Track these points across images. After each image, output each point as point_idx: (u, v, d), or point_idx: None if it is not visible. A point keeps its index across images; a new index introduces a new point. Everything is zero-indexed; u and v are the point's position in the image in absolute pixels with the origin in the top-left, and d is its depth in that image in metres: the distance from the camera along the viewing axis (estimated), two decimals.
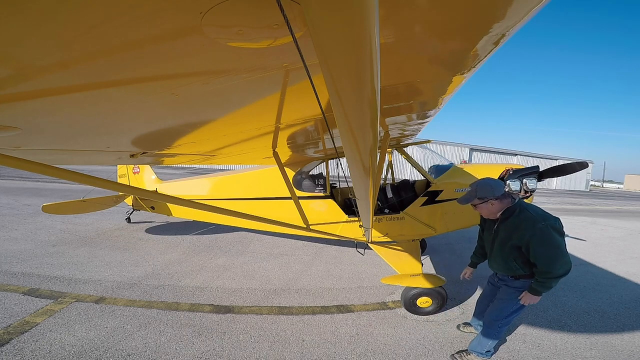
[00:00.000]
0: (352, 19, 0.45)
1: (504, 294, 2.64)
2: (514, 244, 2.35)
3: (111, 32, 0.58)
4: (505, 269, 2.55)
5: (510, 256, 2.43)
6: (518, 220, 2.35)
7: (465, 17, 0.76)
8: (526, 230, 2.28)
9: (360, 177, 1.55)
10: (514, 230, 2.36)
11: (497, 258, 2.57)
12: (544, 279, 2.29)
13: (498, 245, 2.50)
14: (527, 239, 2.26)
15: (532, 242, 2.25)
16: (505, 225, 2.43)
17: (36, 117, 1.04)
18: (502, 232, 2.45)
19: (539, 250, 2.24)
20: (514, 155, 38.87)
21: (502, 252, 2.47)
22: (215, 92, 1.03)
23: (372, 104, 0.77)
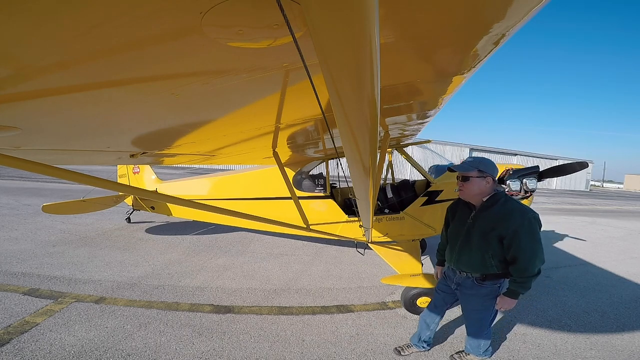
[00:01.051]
0: (352, 19, 0.45)
1: (474, 304, 2.36)
2: (499, 234, 2.08)
3: (111, 32, 0.58)
4: (477, 267, 2.22)
5: (489, 250, 2.14)
6: (505, 209, 2.11)
7: (465, 17, 0.76)
8: (514, 220, 2.04)
9: (360, 177, 1.55)
10: (499, 220, 2.09)
11: (470, 252, 2.23)
12: (523, 278, 2.07)
13: (477, 236, 2.18)
14: (514, 229, 2.02)
15: (519, 234, 2.01)
16: (488, 213, 2.15)
17: (36, 117, 1.04)
18: (483, 221, 2.16)
19: (525, 242, 2.01)
20: (514, 155, 38.89)
21: (481, 244, 2.16)
22: (215, 92, 1.03)
23: (372, 104, 0.77)
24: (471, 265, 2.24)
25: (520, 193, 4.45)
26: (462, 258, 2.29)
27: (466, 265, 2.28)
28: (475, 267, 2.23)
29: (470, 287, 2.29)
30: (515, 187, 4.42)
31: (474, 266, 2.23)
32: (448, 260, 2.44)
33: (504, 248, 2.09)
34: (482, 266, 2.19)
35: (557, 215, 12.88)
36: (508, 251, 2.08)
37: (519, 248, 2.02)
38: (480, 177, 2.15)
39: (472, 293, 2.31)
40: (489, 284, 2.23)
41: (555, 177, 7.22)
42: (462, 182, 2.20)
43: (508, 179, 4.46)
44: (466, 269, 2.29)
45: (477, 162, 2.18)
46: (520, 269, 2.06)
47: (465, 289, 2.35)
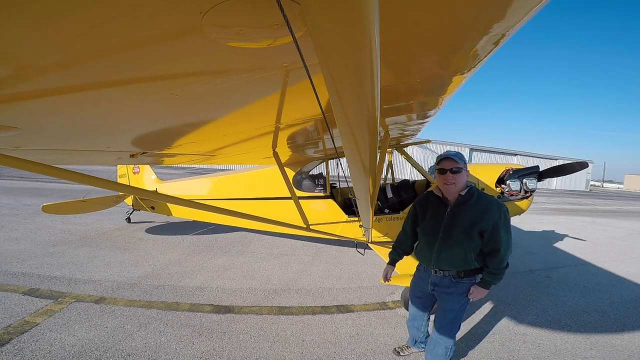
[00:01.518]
0: (352, 19, 0.45)
1: (451, 303, 2.25)
2: (480, 228, 2.04)
3: (111, 32, 0.58)
4: (459, 263, 2.15)
5: (471, 245, 2.08)
6: (483, 203, 2.08)
7: (465, 17, 0.76)
8: (493, 214, 2.02)
9: (360, 177, 1.55)
10: (479, 214, 2.05)
11: (451, 249, 2.13)
12: (499, 269, 2.08)
13: (458, 232, 2.09)
14: (494, 223, 2.02)
15: (498, 227, 2.02)
16: (466, 208, 2.08)
17: (36, 117, 1.04)
18: (463, 216, 2.08)
19: (503, 235, 2.03)
20: (514, 155, 38.90)
21: (462, 240, 2.08)
22: (215, 92, 1.03)
23: (372, 104, 0.77)
24: (453, 262, 2.16)
25: (521, 193, 4.46)
26: (442, 256, 2.17)
27: (447, 262, 2.17)
28: (457, 264, 2.15)
29: (448, 285, 2.22)
30: (515, 187, 4.43)
31: (456, 263, 2.15)
32: (425, 260, 2.30)
33: (482, 242, 2.08)
34: (464, 262, 2.13)
35: (557, 215, 12.88)
36: (487, 244, 2.06)
37: (499, 240, 2.03)
38: (465, 169, 2.10)
39: (450, 292, 2.22)
40: (467, 280, 2.18)
41: (555, 177, 7.24)
42: (453, 174, 2.06)
43: (508, 179, 4.46)
44: (447, 267, 2.18)
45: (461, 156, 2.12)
46: (498, 261, 2.07)
47: (442, 288, 2.25)
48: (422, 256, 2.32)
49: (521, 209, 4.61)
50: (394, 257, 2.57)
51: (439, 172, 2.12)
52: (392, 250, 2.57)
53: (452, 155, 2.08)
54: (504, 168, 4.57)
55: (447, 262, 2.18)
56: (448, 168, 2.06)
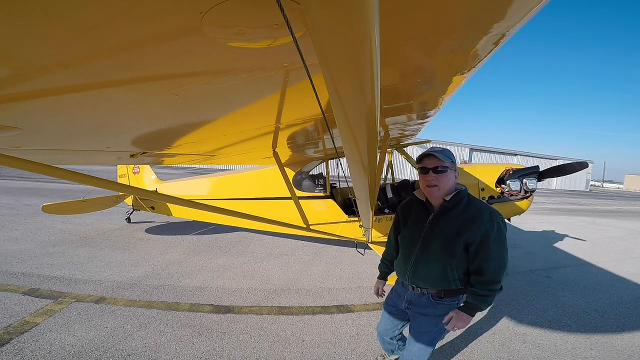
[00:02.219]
0: (352, 19, 0.45)
1: (426, 326, 1.92)
2: (465, 240, 1.69)
3: (111, 32, 0.58)
4: (437, 281, 1.79)
5: (452, 262, 1.74)
6: (472, 210, 1.72)
7: (465, 17, 0.76)
8: (483, 223, 1.67)
9: (360, 177, 1.55)
10: (465, 223, 1.70)
11: (429, 264, 1.79)
12: (488, 291, 1.69)
13: (437, 245, 1.76)
14: (483, 234, 1.66)
15: (488, 239, 1.66)
16: (451, 215, 1.74)
17: (36, 117, 1.04)
18: (446, 225, 1.74)
19: (494, 249, 1.66)
20: (514, 155, 38.91)
21: (442, 255, 1.75)
22: (215, 92, 1.03)
23: (372, 103, 0.77)
24: (429, 280, 1.81)
25: (521, 193, 4.46)
26: (418, 271, 1.83)
27: (423, 280, 1.83)
28: (434, 282, 1.80)
29: (425, 305, 1.88)
30: (515, 187, 4.43)
31: (433, 281, 1.80)
32: (400, 274, 1.97)
33: (468, 257, 1.73)
34: (442, 281, 1.78)
35: (557, 215, 12.88)
36: (473, 260, 1.71)
37: (487, 256, 1.67)
38: (452, 169, 1.75)
39: (425, 313, 1.89)
40: (447, 301, 1.83)
41: (555, 177, 7.24)
42: (437, 174, 1.71)
43: (508, 179, 4.47)
44: (423, 284, 1.84)
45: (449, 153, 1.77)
46: (486, 281, 1.69)
47: (418, 307, 1.91)
48: (398, 269, 1.99)
49: (521, 209, 4.61)
50: (383, 270, 2.28)
51: (421, 172, 1.78)
52: (381, 262, 2.29)
53: (435, 152, 1.73)
54: (504, 168, 4.57)
55: (423, 279, 1.83)
56: (430, 167, 1.72)
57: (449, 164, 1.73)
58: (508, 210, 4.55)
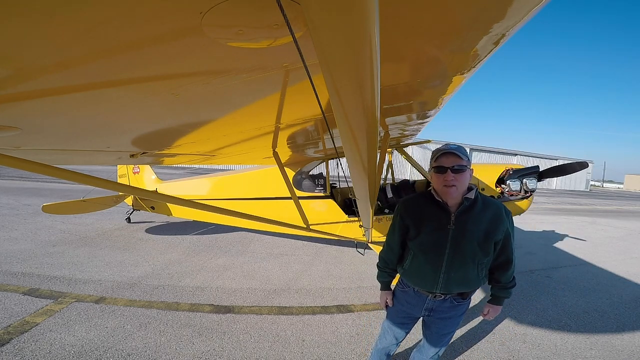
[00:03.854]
0: (352, 19, 0.45)
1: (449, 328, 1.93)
2: (496, 238, 1.68)
3: (111, 32, 0.58)
4: (473, 283, 1.75)
5: (484, 260, 1.70)
6: (492, 209, 1.70)
7: (465, 17, 0.76)
8: (505, 221, 1.69)
9: (360, 177, 1.55)
10: (492, 220, 1.67)
11: (465, 267, 1.69)
12: (512, 282, 1.82)
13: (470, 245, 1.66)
14: (506, 231, 1.69)
15: (510, 236, 1.72)
16: (475, 214, 1.67)
17: (36, 117, 1.04)
18: (473, 225, 1.65)
19: (512, 243, 1.74)
20: (514, 155, 38.92)
21: (476, 254, 1.67)
22: (215, 92, 1.03)
23: (372, 103, 0.77)
24: (466, 283, 1.73)
25: (521, 193, 4.46)
26: (453, 276, 1.70)
27: (459, 284, 1.73)
28: (470, 285, 1.75)
29: (448, 309, 1.83)
30: (515, 187, 4.43)
31: (469, 283, 1.74)
32: (426, 283, 1.78)
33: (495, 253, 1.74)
34: (476, 281, 1.73)
35: (557, 215, 12.88)
36: (499, 256, 1.74)
37: (510, 250, 1.73)
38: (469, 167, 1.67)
39: (450, 316, 1.85)
40: (467, 301, 1.86)
41: (555, 177, 7.24)
42: (455, 174, 1.60)
43: (508, 179, 4.47)
44: (458, 288, 1.75)
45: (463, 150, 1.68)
46: (510, 273, 1.78)
47: (440, 313, 1.85)
48: (421, 278, 1.80)
49: (521, 209, 4.61)
50: (385, 279, 2.03)
51: (436, 171, 1.65)
52: (380, 272, 2.02)
53: (453, 149, 1.62)
54: (504, 168, 4.57)
55: (458, 283, 1.72)
56: (449, 166, 1.60)
57: (466, 162, 1.64)
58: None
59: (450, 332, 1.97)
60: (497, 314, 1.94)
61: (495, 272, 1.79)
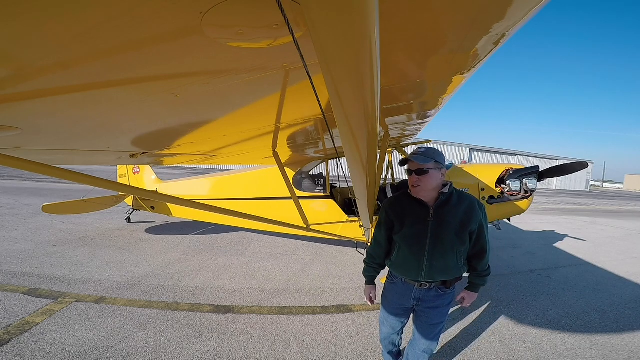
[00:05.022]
0: (352, 19, 0.45)
1: (437, 317, 2.02)
2: (471, 229, 1.84)
3: (111, 32, 0.58)
4: (453, 270, 1.90)
5: (461, 249, 1.86)
6: (466, 202, 1.87)
7: (465, 17, 0.76)
8: (477, 212, 1.85)
9: (360, 177, 1.55)
10: (467, 212, 1.83)
11: (445, 256, 1.86)
12: (487, 270, 1.97)
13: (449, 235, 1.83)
14: (480, 221, 1.86)
15: (484, 226, 1.88)
16: (451, 207, 1.84)
17: (36, 117, 1.04)
18: (450, 216, 1.83)
19: (486, 233, 1.90)
20: (514, 155, 38.93)
21: (454, 244, 1.83)
22: (215, 92, 1.03)
23: (372, 104, 0.77)
24: (447, 270, 1.89)
25: (521, 193, 4.46)
26: (434, 264, 1.87)
27: (440, 272, 1.89)
28: (450, 272, 1.90)
29: (434, 299, 1.96)
30: (515, 187, 4.43)
31: (450, 271, 1.90)
32: (411, 273, 1.95)
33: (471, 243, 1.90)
34: (456, 269, 1.90)
35: (557, 215, 12.88)
36: (474, 246, 1.90)
37: (485, 240, 1.90)
38: (437, 168, 1.82)
39: (436, 305, 1.98)
40: (451, 290, 1.98)
41: (555, 177, 7.24)
42: (418, 175, 1.81)
43: (508, 179, 4.46)
44: (440, 276, 1.91)
45: (432, 152, 1.85)
46: (485, 262, 1.94)
47: (427, 302, 1.98)
48: (406, 268, 1.96)
49: (521, 209, 4.61)
50: (372, 274, 2.19)
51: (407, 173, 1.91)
52: (367, 267, 2.17)
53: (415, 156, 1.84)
54: (504, 168, 4.57)
55: (440, 271, 1.89)
56: (413, 169, 1.83)
57: (432, 164, 1.79)
58: (508, 210, 4.54)
59: (438, 322, 2.05)
60: (473, 300, 2.06)
61: (472, 261, 1.96)
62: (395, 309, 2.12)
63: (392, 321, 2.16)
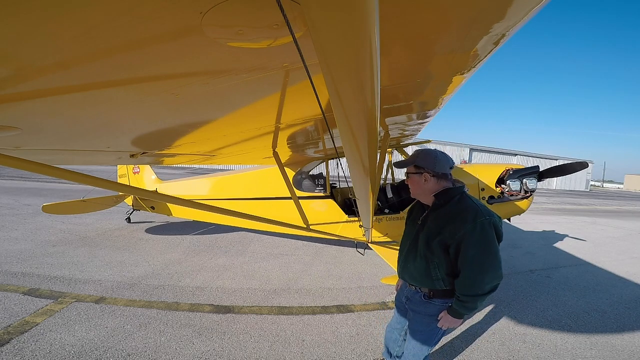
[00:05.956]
0: (352, 19, 0.45)
1: (419, 324, 1.92)
2: (443, 240, 1.68)
3: (111, 32, 0.58)
4: (421, 278, 1.82)
5: (434, 260, 1.74)
6: (456, 209, 1.70)
7: (465, 17, 0.76)
8: (463, 223, 1.63)
9: (360, 177, 1.55)
10: (447, 222, 1.69)
11: (415, 261, 1.83)
12: (467, 297, 1.65)
13: (422, 241, 1.78)
14: (462, 235, 1.62)
15: (466, 240, 1.62)
16: (438, 214, 1.76)
17: (36, 117, 1.04)
18: (432, 223, 1.77)
19: (472, 252, 1.61)
20: (514, 155, 38.92)
21: (426, 251, 1.76)
22: (215, 92, 1.03)
23: (372, 103, 0.77)
24: (415, 276, 1.86)
25: (521, 193, 4.46)
26: (407, 267, 1.90)
27: (410, 275, 1.89)
28: (419, 279, 1.83)
29: (418, 303, 1.89)
30: (515, 187, 4.43)
31: (418, 278, 1.84)
32: (398, 269, 2.04)
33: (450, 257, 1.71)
34: (426, 278, 1.80)
35: (557, 215, 12.88)
36: (455, 263, 1.70)
37: (465, 259, 1.63)
38: (417, 173, 1.79)
39: (419, 310, 1.90)
40: (437, 302, 1.81)
41: (555, 177, 7.23)
42: (408, 178, 1.86)
43: (508, 179, 4.47)
44: (410, 280, 1.90)
45: (414, 156, 1.82)
46: (464, 285, 1.65)
47: (413, 304, 1.94)
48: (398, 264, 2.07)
49: (521, 209, 4.61)
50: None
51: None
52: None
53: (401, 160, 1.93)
54: (504, 168, 4.57)
55: (409, 275, 1.90)
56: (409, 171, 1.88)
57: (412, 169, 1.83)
58: (508, 210, 4.55)
59: (420, 330, 1.93)
60: (451, 325, 1.80)
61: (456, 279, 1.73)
62: (397, 301, 2.20)
63: (394, 314, 2.24)
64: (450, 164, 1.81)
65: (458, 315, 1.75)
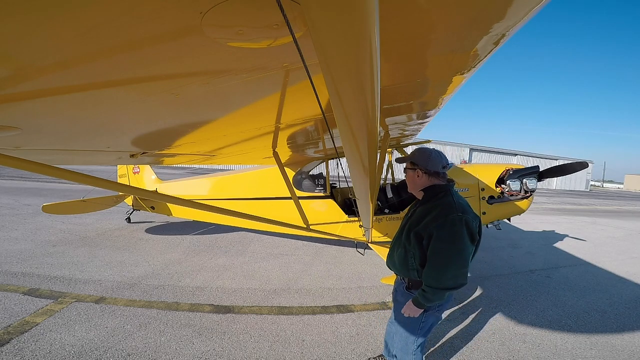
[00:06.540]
0: (352, 19, 0.45)
1: (397, 310, 2.03)
2: (418, 231, 1.79)
3: (111, 32, 0.58)
4: (401, 267, 1.94)
5: (411, 250, 1.85)
6: (435, 204, 1.81)
7: (465, 17, 0.76)
8: (436, 217, 1.73)
9: (360, 177, 1.55)
10: (425, 215, 1.81)
11: (397, 250, 1.97)
12: (428, 288, 1.71)
13: (405, 232, 1.91)
14: (433, 227, 1.72)
15: (435, 233, 1.70)
16: (423, 208, 1.88)
17: (36, 117, 1.04)
18: (416, 216, 1.90)
19: (439, 246, 1.69)
20: (514, 155, 38.92)
21: (406, 241, 1.89)
22: (215, 92, 1.03)
23: (372, 103, 0.77)
24: (396, 265, 1.99)
25: (521, 193, 4.46)
26: (391, 255, 2.04)
27: (392, 263, 2.03)
28: (398, 267, 1.97)
29: (402, 293, 2.00)
30: (515, 187, 4.43)
31: (398, 267, 1.97)
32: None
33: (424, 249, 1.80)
34: (404, 268, 1.91)
35: (557, 215, 12.88)
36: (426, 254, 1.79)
37: (431, 251, 1.72)
38: (412, 169, 1.93)
39: (401, 300, 1.98)
40: (414, 292, 1.87)
41: (555, 177, 7.23)
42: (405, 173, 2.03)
43: (508, 179, 4.47)
44: (392, 267, 2.05)
45: (412, 153, 1.97)
46: (427, 276, 1.72)
47: (397, 294, 2.08)
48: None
49: (521, 209, 4.61)
50: None
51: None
52: None
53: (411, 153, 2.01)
54: (504, 168, 4.57)
55: (392, 263, 2.04)
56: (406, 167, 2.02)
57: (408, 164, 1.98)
58: (508, 210, 4.54)
59: (402, 320, 1.99)
60: (410, 313, 1.86)
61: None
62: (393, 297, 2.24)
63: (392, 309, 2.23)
64: (443, 163, 1.89)
65: (419, 304, 1.82)
